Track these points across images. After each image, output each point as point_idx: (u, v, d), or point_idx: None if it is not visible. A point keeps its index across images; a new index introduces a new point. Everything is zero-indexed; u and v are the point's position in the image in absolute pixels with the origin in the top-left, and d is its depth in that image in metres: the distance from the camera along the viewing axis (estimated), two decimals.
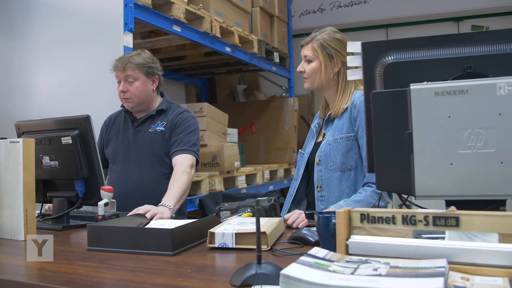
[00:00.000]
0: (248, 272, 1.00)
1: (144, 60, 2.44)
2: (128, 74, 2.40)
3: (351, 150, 1.99)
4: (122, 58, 2.44)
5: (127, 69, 2.39)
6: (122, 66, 2.39)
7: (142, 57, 2.45)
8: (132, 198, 2.31)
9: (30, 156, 1.70)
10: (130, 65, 2.39)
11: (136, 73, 2.41)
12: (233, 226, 1.47)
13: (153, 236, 1.40)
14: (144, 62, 2.43)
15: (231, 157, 3.98)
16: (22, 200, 1.66)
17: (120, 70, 2.40)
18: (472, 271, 0.93)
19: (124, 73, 2.40)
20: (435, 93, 1.05)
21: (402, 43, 1.24)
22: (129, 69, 2.40)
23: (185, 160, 2.33)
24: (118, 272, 1.21)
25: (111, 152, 2.55)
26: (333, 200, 1.98)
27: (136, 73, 2.41)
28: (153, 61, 2.50)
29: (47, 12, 3.23)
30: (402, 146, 1.09)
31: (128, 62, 2.39)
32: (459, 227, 0.98)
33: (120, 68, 2.40)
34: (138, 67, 2.41)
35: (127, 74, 2.40)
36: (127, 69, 2.39)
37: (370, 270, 0.91)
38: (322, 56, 2.05)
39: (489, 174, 1.02)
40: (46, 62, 3.22)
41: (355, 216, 1.08)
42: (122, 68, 2.40)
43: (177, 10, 3.30)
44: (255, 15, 4.84)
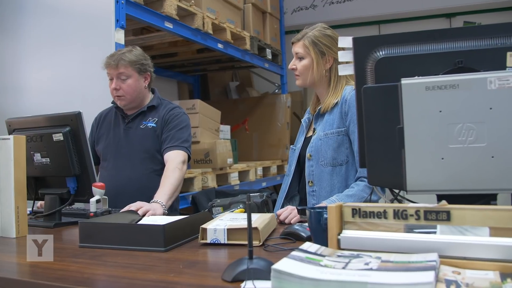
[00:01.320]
0: (240, 267, 1.00)
1: (136, 57, 2.42)
2: (121, 72, 2.38)
3: (342, 145, 2.00)
4: (114, 55, 2.41)
5: (119, 67, 2.37)
6: (114, 64, 2.37)
7: (134, 54, 2.42)
8: (124, 195, 2.30)
9: (21, 153, 1.70)
10: (123, 62, 2.37)
11: (128, 70, 2.39)
12: (225, 222, 1.47)
13: (145, 232, 1.40)
14: (136, 60, 2.42)
15: (223, 154, 3.98)
16: (13, 197, 1.65)
17: (113, 68, 2.38)
18: (463, 264, 0.94)
19: (116, 71, 2.38)
20: (426, 87, 1.06)
21: (393, 38, 1.25)
22: (122, 67, 2.37)
23: (176, 156, 2.33)
24: (110, 268, 1.20)
25: (102, 149, 2.54)
26: (324, 195, 1.99)
27: (129, 70, 2.39)
28: (144, 58, 2.48)
29: (39, 9, 3.21)
30: (393, 141, 1.09)
31: (121, 59, 2.37)
32: (450, 221, 0.98)
33: (113, 66, 2.37)
34: (130, 65, 2.39)
35: (120, 71, 2.38)
36: (119, 67, 2.37)
37: (362, 264, 0.91)
38: (313, 53, 2.05)
39: (480, 169, 1.03)
40: (37, 59, 3.20)
41: (346, 211, 1.08)
42: (114, 66, 2.37)
43: (169, 7, 3.28)
44: (247, 11, 4.84)
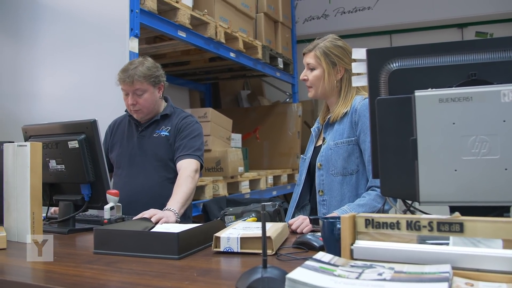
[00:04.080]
0: (254, 276, 1.01)
1: (150, 70, 2.42)
2: (137, 88, 2.38)
3: (352, 154, 2.00)
4: (127, 70, 2.39)
5: (135, 83, 2.37)
6: (130, 81, 2.36)
7: (147, 67, 2.41)
8: (137, 203, 2.32)
9: (37, 160, 1.72)
10: (138, 78, 2.36)
11: (144, 86, 2.40)
12: (238, 231, 1.48)
13: (159, 239, 1.41)
14: (150, 73, 2.41)
15: (234, 162, 3.99)
16: (29, 203, 1.68)
17: (128, 85, 2.38)
18: (476, 276, 0.94)
19: (132, 87, 2.38)
20: (440, 99, 1.06)
21: (407, 50, 1.25)
22: (138, 83, 2.37)
23: (189, 165, 2.34)
24: (124, 275, 1.21)
25: (116, 157, 2.56)
26: (335, 204, 1.99)
27: (144, 85, 2.40)
28: (157, 69, 2.48)
29: (53, 17, 3.25)
30: (406, 152, 1.10)
31: (135, 75, 2.36)
32: (463, 233, 0.98)
33: (128, 83, 2.37)
34: (145, 80, 2.39)
35: (136, 88, 2.38)
36: (135, 83, 2.37)
37: (375, 274, 0.91)
38: (324, 63, 2.06)
39: (493, 181, 1.03)
40: (52, 66, 3.24)
41: (359, 222, 1.09)
42: (130, 83, 2.37)
43: (182, 16, 3.32)
44: (259, 20, 4.87)
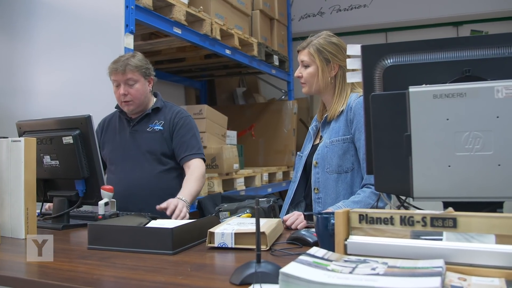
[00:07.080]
0: (248, 271, 1.01)
1: (141, 62, 2.44)
2: (129, 77, 2.39)
3: (347, 152, 2.01)
4: (119, 61, 2.41)
5: (127, 72, 2.38)
6: (122, 69, 2.37)
7: (138, 59, 2.44)
8: (135, 196, 2.34)
9: (31, 156, 1.72)
10: (130, 67, 2.38)
11: (136, 75, 2.41)
12: (233, 226, 1.48)
13: (153, 235, 1.41)
14: (141, 64, 2.44)
15: (230, 159, 3.99)
16: (23, 199, 1.67)
17: (121, 73, 2.38)
18: (469, 271, 0.94)
19: (124, 77, 2.39)
20: (434, 95, 1.07)
21: (401, 46, 1.26)
22: (130, 72, 2.38)
23: (201, 165, 2.43)
24: (118, 270, 1.22)
25: (109, 153, 2.55)
26: (330, 202, 1.99)
27: (136, 75, 2.41)
28: (147, 62, 2.50)
29: (48, 13, 3.24)
30: (400, 148, 1.10)
31: (127, 64, 2.38)
32: (457, 228, 0.99)
33: (120, 71, 2.38)
34: (137, 70, 2.41)
35: (128, 77, 2.39)
36: (127, 72, 2.38)
37: (368, 269, 0.92)
38: (318, 60, 2.06)
39: (487, 176, 1.04)
40: (47, 62, 3.23)
41: (353, 217, 1.09)
42: (122, 71, 2.37)
43: (177, 12, 3.31)
44: (255, 18, 4.86)
